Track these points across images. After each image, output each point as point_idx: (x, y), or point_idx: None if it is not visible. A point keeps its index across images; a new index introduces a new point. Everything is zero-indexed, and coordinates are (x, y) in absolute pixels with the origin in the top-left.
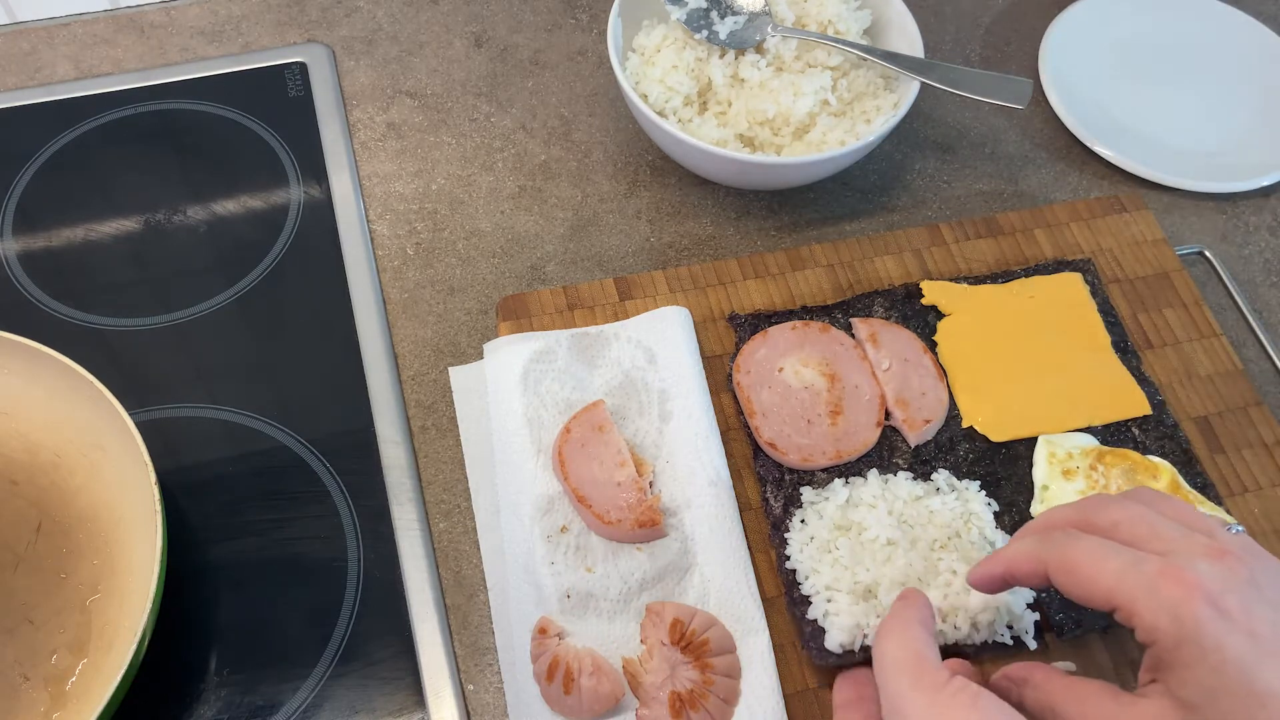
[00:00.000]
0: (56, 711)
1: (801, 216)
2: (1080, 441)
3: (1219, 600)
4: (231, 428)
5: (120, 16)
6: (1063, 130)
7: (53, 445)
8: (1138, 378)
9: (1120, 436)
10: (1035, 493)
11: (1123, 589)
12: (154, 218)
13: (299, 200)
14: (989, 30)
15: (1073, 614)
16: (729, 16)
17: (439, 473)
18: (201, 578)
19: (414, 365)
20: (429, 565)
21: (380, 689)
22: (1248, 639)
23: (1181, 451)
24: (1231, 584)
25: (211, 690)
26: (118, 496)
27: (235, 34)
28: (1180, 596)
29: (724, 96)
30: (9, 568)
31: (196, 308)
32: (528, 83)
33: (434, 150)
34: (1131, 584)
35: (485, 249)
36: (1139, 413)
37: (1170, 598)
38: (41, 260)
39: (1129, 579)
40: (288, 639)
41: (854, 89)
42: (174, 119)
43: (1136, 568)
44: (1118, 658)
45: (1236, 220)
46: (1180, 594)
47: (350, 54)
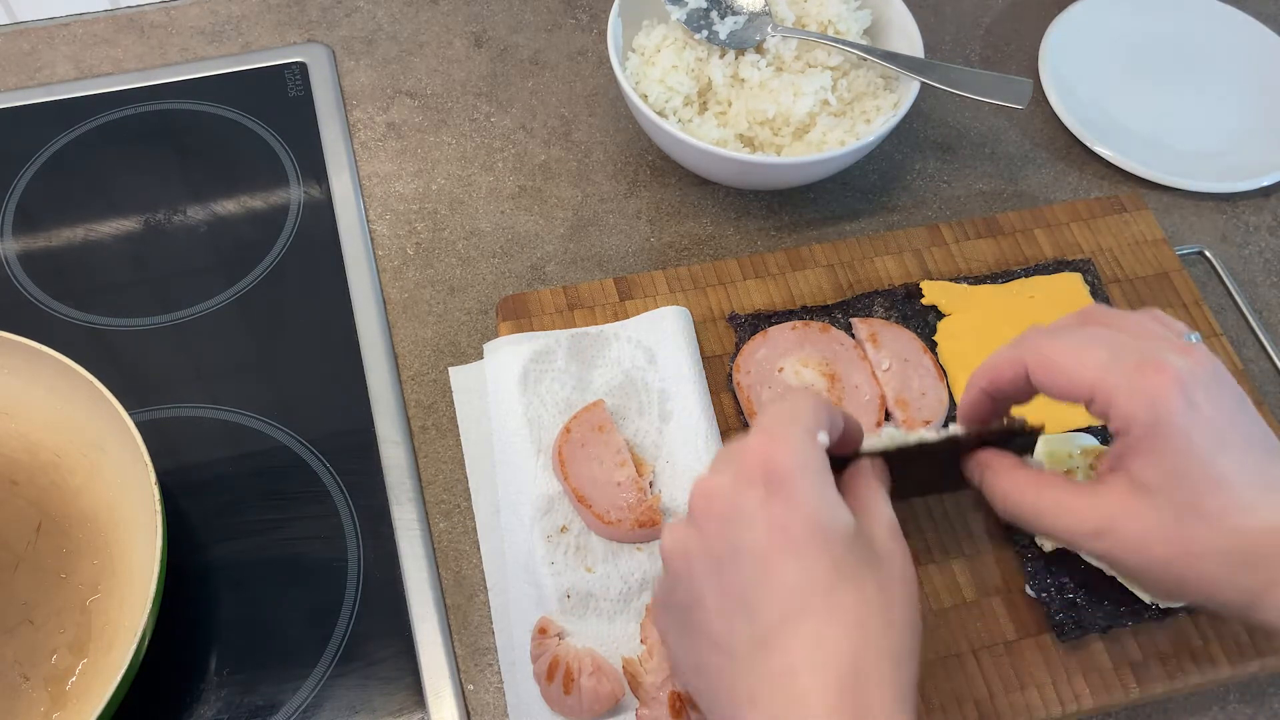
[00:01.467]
0: (56, 711)
1: (801, 216)
2: (1080, 441)
3: (1190, 391)
4: (231, 428)
5: (120, 16)
6: (1063, 130)
7: (53, 445)
8: None
9: None
10: None
11: (1104, 380)
12: (154, 218)
13: (299, 200)
14: (989, 30)
15: (1073, 614)
16: (729, 16)
17: (439, 473)
18: (201, 578)
19: (414, 365)
20: (429, 565)
21: (380, 689)
22: (1211, 429)
23: None
24: (1199, 376)
25: (211, 690)
26: (118, 496)
27: (235, 34)
28: (1158, 385)
29: (724, 96)
30: (9, 568)
31: (196, 308)
32: (528, 83)
33: (434, 150)
34: (1113, 375)
35: (485, 249)
36: None
37: (1148, 387)
38: (41, 260)
39: (1110, 370)
40: (288, 639)
41: (854, 89)
42: (174, 119)
43: (1116, 359)
44: (1118, 658)
45: (1236, 220)
46: (1158, 383)
47: (350, 54)
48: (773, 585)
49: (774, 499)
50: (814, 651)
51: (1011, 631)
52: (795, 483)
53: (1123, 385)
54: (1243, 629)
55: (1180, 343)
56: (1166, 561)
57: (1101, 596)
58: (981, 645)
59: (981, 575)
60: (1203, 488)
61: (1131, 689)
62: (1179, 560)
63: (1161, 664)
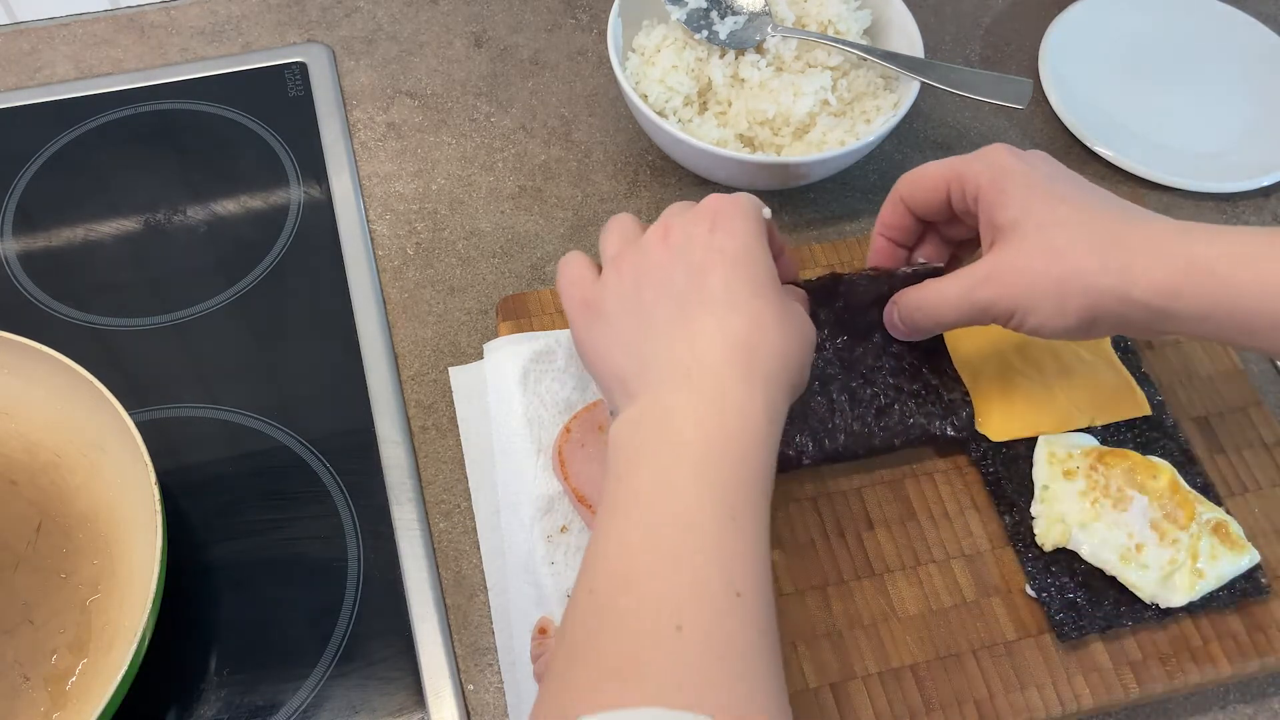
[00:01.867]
0: (56, 711)
1: (801, 216)
2: (1080, 441)
3: (1021, 153)
4: (231, 428)
5: (120, 16)
6: (1063, 130)
7: (53, 445)
8: (1138, 378)
9: (1120, 436)
10: (1035, 493)
11: (950, 166)
12: (154, 218)
13: (299, 200)
14: (989, 30)
15: (1072, 614)
16: (729, 16)
17: (439, 473)
18: (201, 578)
19: (414, 365)
20: (429, 565)
21: (380, 689)
22: (1046, 169)
23: (1181, 451)
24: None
25: (211, 690)
26: (118, 496)
27: (235, 34)
28: (989, 154)
29: (724, 96)
30: (9, 568)
31: (196, 308)
32: (528, 83)
33: (434, 150)
34: (955, 162)
35: (485, 249)
36: (1139, 413)
37: (984, 156)
38: (41, 260)
39: (956, 161)
40: (288, 639)
41: (854, 89)
42: (174, 119)
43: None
44: (1118, 658)
45: (1236, 220)
46: (989, 153)
47: (350, 54)
48: (700, 285)
49: (718, 231)
50: (719, 326)
51: (1011, 631)
52: (737, 223)
53: (965, 164)
54: (1243, 629)
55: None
56: (1044, 269)
57: (1101, 596)
58: (981, 645)
59: (981, 575)
60: (1052, 202)
61: (1131, 689)
62: (1055, 262)
63: (1161, 664)
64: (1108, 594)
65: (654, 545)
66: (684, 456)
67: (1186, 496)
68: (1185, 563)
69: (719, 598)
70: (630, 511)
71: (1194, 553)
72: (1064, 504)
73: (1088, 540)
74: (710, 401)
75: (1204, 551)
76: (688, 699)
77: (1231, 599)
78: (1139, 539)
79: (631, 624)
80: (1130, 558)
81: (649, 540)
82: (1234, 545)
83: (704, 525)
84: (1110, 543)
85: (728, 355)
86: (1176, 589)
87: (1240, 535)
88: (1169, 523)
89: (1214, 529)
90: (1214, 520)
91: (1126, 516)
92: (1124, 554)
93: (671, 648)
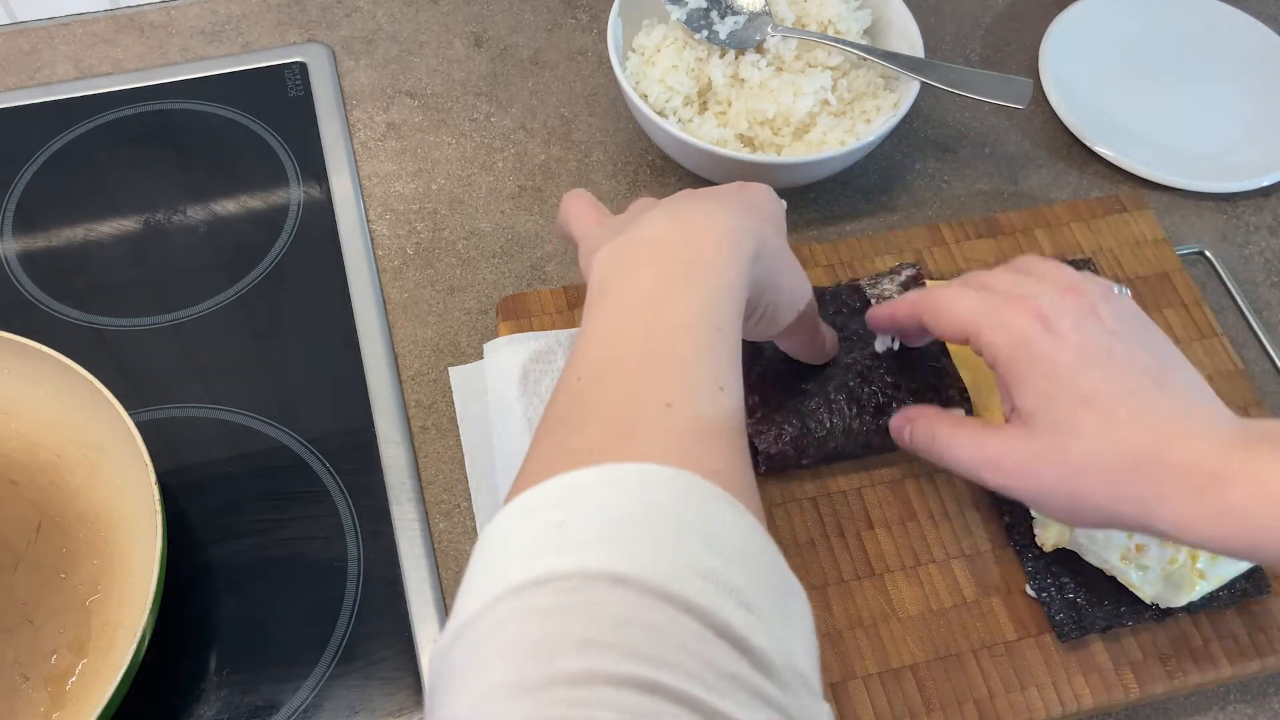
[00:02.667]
0: (56, 711)
1: (801, 216)
2: None
3: (1051, 322)
4: (231, 428)
5: (120, 16)
6: (1063, 130)
7: (53, 445)
8: None
9: None
10: None
11: (972, 316)
12: (154, 218)
13: (299, 200)
14: (989, 30)
15: (1073, 614)
16: (729, 16)
17: (439, 473)
18: (201, 578)
19: (414, 365)
20: (429, 565)
21: (380, 689)
22: (1075, 352)
23: None
24: (1067, 310)
25: (211, 690)
26: (118, 496)
27: (235, 34)
28: (1014, 316)
29: (724, 96)
30: (9, 568)
31: (196, 308)
32: (528, 83)
33: (434, 150)
34: (980, 311)
35: (485, 249)
36: None
37: (1006, 318)
38: (41, 260)
39: (978, 308)
40: (288, 639)
41: (854, 89)
42: (174, 119)
43: (985, 301)
44: (1118, 658)
45: (1237, 220)
46: (1014, 314)
47: (350, 54)
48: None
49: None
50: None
51: (1011, 631)
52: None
53: (986, 320)
54: (1243, 628)
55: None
56: (1056, 482)
57: (1101, 596)
58: (981, 645)
59: (981, 575)
60: (1073, 405)
61: (1131, 689)
62: (1067, 479)
63: (1161, 664)
64: (1108, 594)
65: (644, 339)
66: (672, 273)
67: None
68: (1186, 563)
69: (705, 387)
70: (618, 316)
71: (1195, 553)
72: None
73: (1088, 540)
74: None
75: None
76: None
77: (1232, 599)
78: (1140, 539)
79: (621, 400)
80: (1131, 558)
81: (638, 339)
82: None
83: (692, 328)
84: (1111, 543)
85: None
86: (1177, 589)
87: None
88: None
89: None
90: None
91: None
92: (1124, 554)
93: (661, 421)
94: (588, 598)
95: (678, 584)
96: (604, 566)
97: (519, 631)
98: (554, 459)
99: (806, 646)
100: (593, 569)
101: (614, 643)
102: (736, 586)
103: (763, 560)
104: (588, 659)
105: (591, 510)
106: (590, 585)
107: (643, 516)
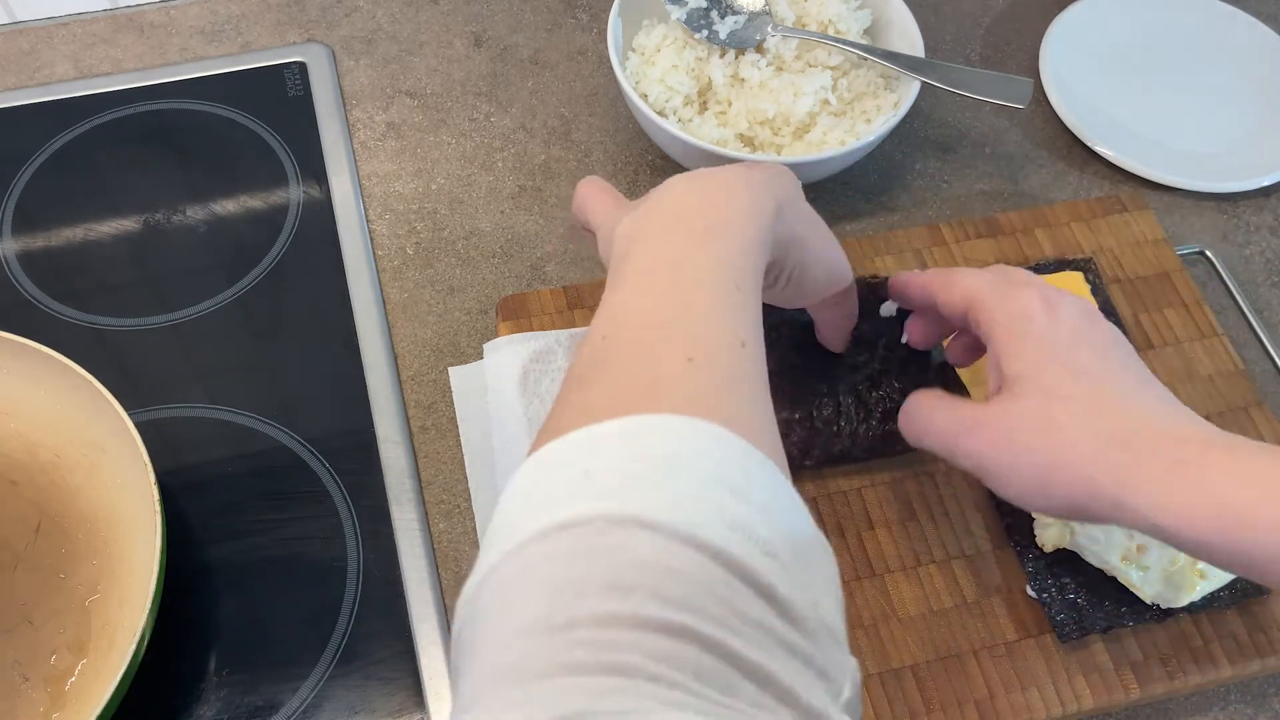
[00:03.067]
0: (56, 712)
1: None
2: None
3: (1054, 305)
4: (231, 428)
5: (120, 16)
6: (1063, 130)
7: (52, 445)
8: None
9: None
10: None
11: (980, 287)
12: (154, 218)
13: (298, 200)
14: (989, 30)
15: (1073, 615)
16: (729, 16)
17: (439, 473)
18: (201, 578)
19: (414, 365)
20: (429, 565)
21: (380, 689)
22: (1071, 332)
23: None
24: (1069, 302)
25: (211, 690)
26: (117, 496)
27: (235, 34)
28: (1021, 294)
29: (724, 96)
30: (8, 568)
31: (196, 308)
32: (528, 83)
33: (434, 150)
34: (988, 285)
35: (485, 249)
36: None
37: (1013, 295)
38: (41, 260)
39: (986, 282)
40: (288, 639)
41: (854, 89)
42: (174, 119)
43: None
44: (1118, 658)
45: (1237, 220)
46: (1022, 293)
47: (350, 54)
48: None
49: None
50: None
51: (1012, 632)
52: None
53: (992, 296)
54: (1243, 629)
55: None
56: (1035, 448)
57: (1102, 597)
58: (982, 646)
59: (981, 575)
60: (1064, 373)
61: (1132, 689)
62: (1046, 445)
63: (1162, 664)
64: (1109, 595)
65: (664, 299)
66: (692, 237)
67: None
68: (1187, 563)
69: (727, 341)
70: (640, 279)
71: None
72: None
73: (1089, 541)
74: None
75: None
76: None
77: (1233, 599)
78: (1140, 539)
79: (644, 356)
80: (1132, 558)
81: (659, 299)
82: None
83: (712, 285)
84: (1111, 543)
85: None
86: (1178, 589)
87: None
88: None
89: None
90: None
91: None
92: (1125, 554)
93: (684, 374)
94: (614, 541)
95: (704, 531)
96: (629, 512)
97: (545, 574)
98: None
99: (833, 599)
100: (617, 514)
101: (640, 585)
102: (763, 536)
103: (788, 512)
104: (614, 601)
105: (615, 460)
106: (616, 529)
107: (667, 466)
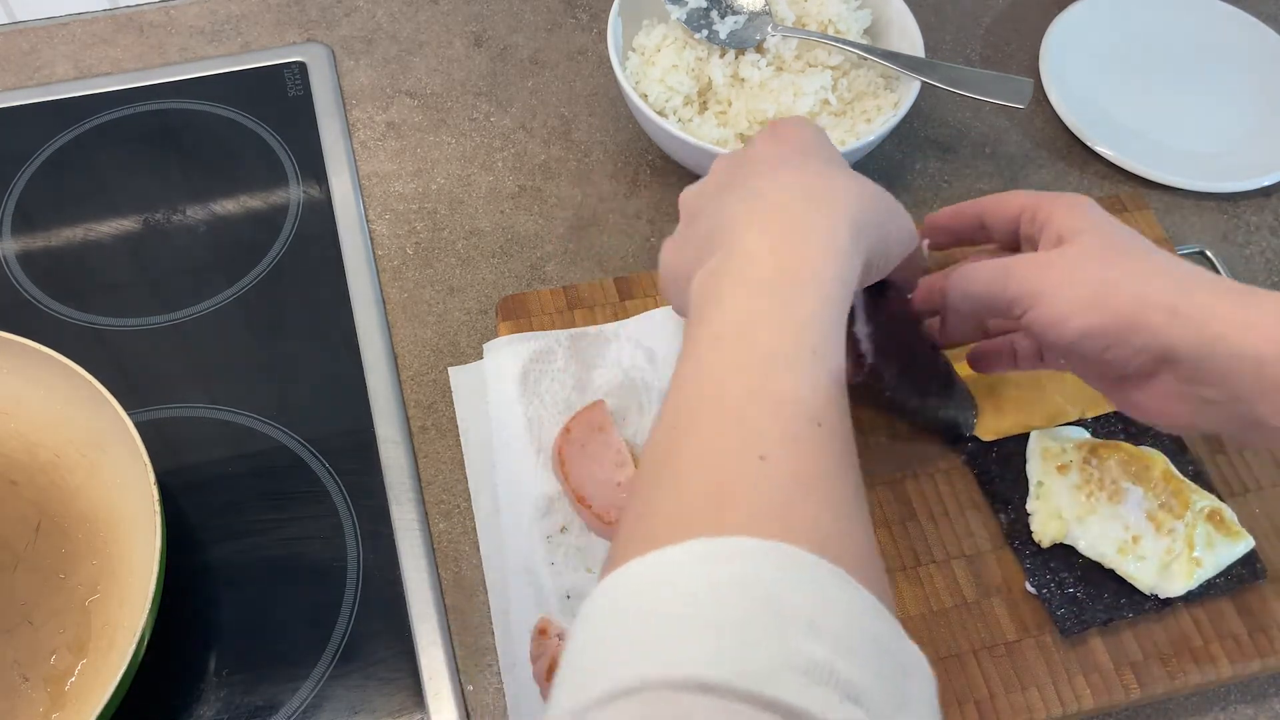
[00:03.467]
0: (56, 712)
1: None
2: (1072, 435)
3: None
4: (231, 428)
5: (120, 16)
6: (1063, 130)
7: (52, 445)
8: None
9: (1111, 428)
10: (1030, 489)
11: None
12: (154, 218)
13: (298, 200)
14: (989, 30)
15: (1073, 609)
16: (729, 16)
17: (439, 473)
18: (201, 578)
19: (414, 365)
20: (429, 565)
21: (380, 689)
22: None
23: (1172, 440)
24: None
25: (211, 690)
26: (117, 496)
27: (234, 34)
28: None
29: (724, 96)
30: (8, 568)
31: (196, 308)
32: (528, 82)
33: (434, 150)
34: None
35: (485, 249)
36: None
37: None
38: (41, 260)
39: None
40: (288, 639)
41: (854, 89)
42: (173, 119)
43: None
44: (1118, 658)
45: (1237, 220)
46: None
47: (350, 54)
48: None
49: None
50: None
51: (1012, 632)
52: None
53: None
54: (1244, 629)
55: None
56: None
57: (1100, 590)
58: (982, 646)
59: (981, 575)
60: (1124, 234)
61: (1132, 689)
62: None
63: (1162, 664)
64: (1107, 587)
65: (735, 378)
66: (763, 292)
67: (1181, 485)
68: (1182, 552)
69: (801, 427)
70: (710, 350)
71: (1190, 541)
72: (1059, 499)
73: (1084, 534)
74: (786, 235)
75: (1200, 540)
76: (775, 529)
77: (1229, 586)
78: (1135, 530)
79: (715, 454)
80: (1128, 550)
81: (730, 374)
82: (1230, 532)
83: (785, 357)
84: (1107, 536)
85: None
86: (1175, 578)
87: (1235, 521)
88: (1165, 513)
89: (1209, 516)
90: (1208, 508)
91: (1122, 509)
92: (1121, 546)
93: (756, 478)
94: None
95: (772, 686)
96: (689, 674)
97: None
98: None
99: None
100: (677, 679)
101: None
102: (844, 678)
103: (875, 638)
104: None
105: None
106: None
107: (739, 601)
